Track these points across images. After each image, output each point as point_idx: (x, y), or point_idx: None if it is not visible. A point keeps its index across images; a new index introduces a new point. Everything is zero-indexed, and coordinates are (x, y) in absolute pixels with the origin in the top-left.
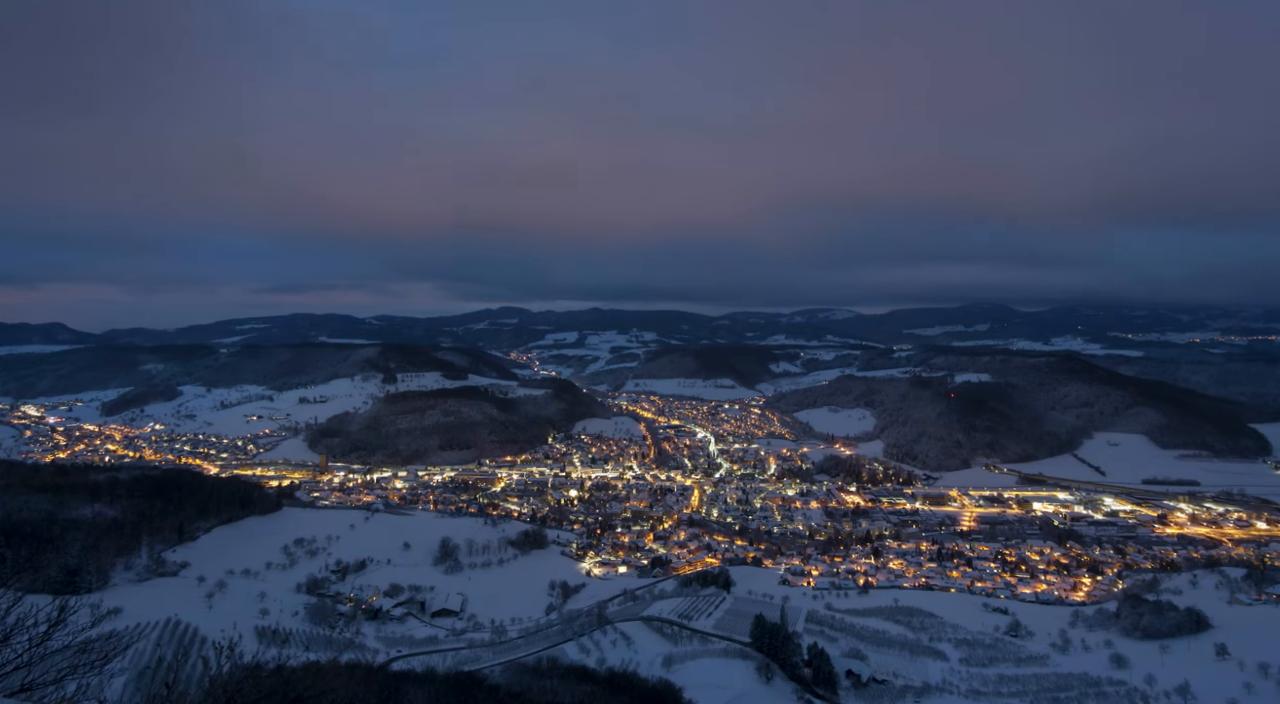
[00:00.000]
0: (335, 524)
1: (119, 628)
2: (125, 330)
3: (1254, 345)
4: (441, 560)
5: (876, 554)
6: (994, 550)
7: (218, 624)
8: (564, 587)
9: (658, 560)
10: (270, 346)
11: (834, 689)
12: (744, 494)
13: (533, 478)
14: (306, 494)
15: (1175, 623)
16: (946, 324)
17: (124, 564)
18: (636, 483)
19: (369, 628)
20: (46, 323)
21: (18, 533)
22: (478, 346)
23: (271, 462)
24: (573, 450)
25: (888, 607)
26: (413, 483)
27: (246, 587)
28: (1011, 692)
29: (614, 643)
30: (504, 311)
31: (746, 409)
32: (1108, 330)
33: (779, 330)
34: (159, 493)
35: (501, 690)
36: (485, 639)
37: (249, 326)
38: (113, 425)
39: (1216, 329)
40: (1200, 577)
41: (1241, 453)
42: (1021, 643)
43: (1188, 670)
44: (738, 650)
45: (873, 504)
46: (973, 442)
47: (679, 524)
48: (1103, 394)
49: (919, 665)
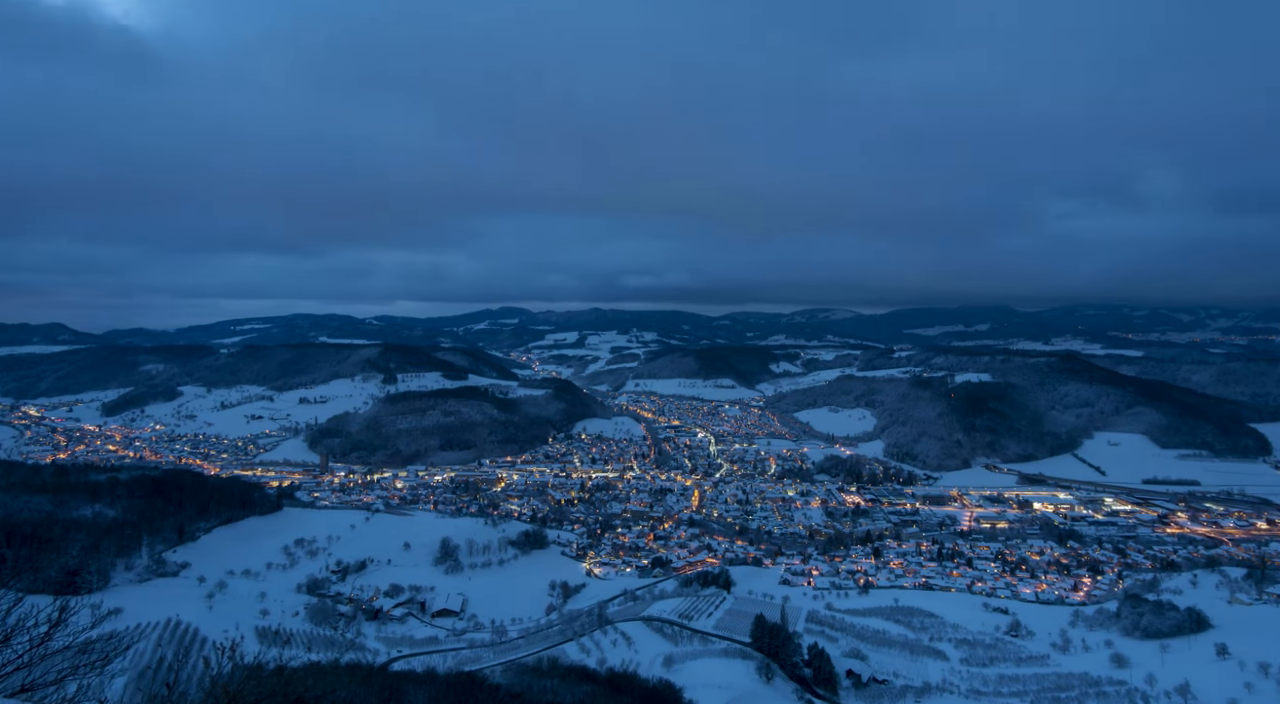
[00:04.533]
0: (336, 524)
1: (119, 628)
2: (125, 331)
3: (1254, 345)
4: (442, 561)
5: (877, 554)
6: (994, 550)
7: (218, 624)
8: (564, 587)
9: (658, 561)
10: (270, 347)
11: (834, 689)
12: (744, 494)
13: (533, 478)
14: (307, 494)
15: (1175, 623)
16: (946, 324)
17: (124, 564)
18: (637, 483)
19: (369, 628)
20: (47, 323)
21: (18, 533)
22: (478, 347)
23: (272, 462)
24: (573, 450)
25: (888, 607)
26: (413, 483)
27: (247, 587)
28: (1012, 691)
29: (614, 643)
30: (504, 311)
31: (747, 409)
32: (1108, 330)
33: (779, 330)
34: (159, 493)
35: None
36: (486, 639)
37: (249, 327)
38: (113, 426)
39: (1216, 329)
40: (1200, 576)
41: (1242, 453)
42: (1022, 643)
43: (1188, 670)
44: (738, 650)
45: (873, 504)
46: (973, 441)
47: (679, 524)
48: (1103, 394)
49: (919, 665)
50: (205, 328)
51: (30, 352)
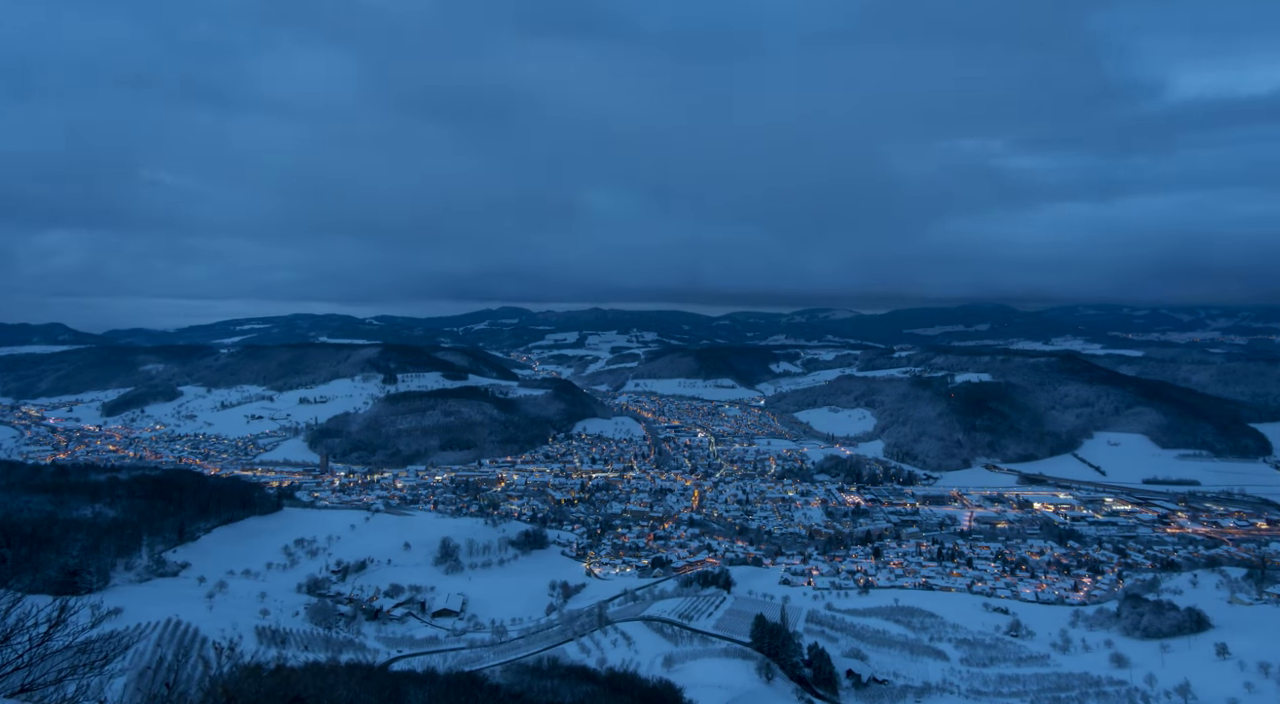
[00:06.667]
0: (336, 524)
1: (119, 628)
2: (125, 331)
3: (1254, 345)
4: (442, 560)
5: (877, 554)
6: (994, 550)
7: (218, 624)
8: (564, 587)
9: (658, 561)
10: (270, 347)
11: (834, 689)
12: (744, 494)
13: (533, 478)
14: (307, 494)
15: (1176, 623)
16: (946, 324)
17: (124, 564)
18: (637, 483)
19: (369, 628)
20: (47, 323)
21: (18, 533)
22: (478, 347)
23: (272, 462)
24: (573, 450)
25: (888, 607)
26: (413, 483)
27: (247, 587)
28: (1012, 691)
29: (614, 643)
30: (504, 311)
31: (747, 409)
32: (1108, 330)
33: (779, 330)
34: (159, 493)
35: (502, 691)
36: (486, 639)
37: (249, 327)
38: (113, 426)
39: (1216, 329)
40: (1201, 576)
41: (1242, 453)
42: (1022, 643)
43: (1188, 670)
44: (738, 650)
45: (873, 504)
46: (973, 441)
47: (679, 524)
48: (1103, 394)
49: (919, 665)
50: (205, 328)
51: (30, 351)
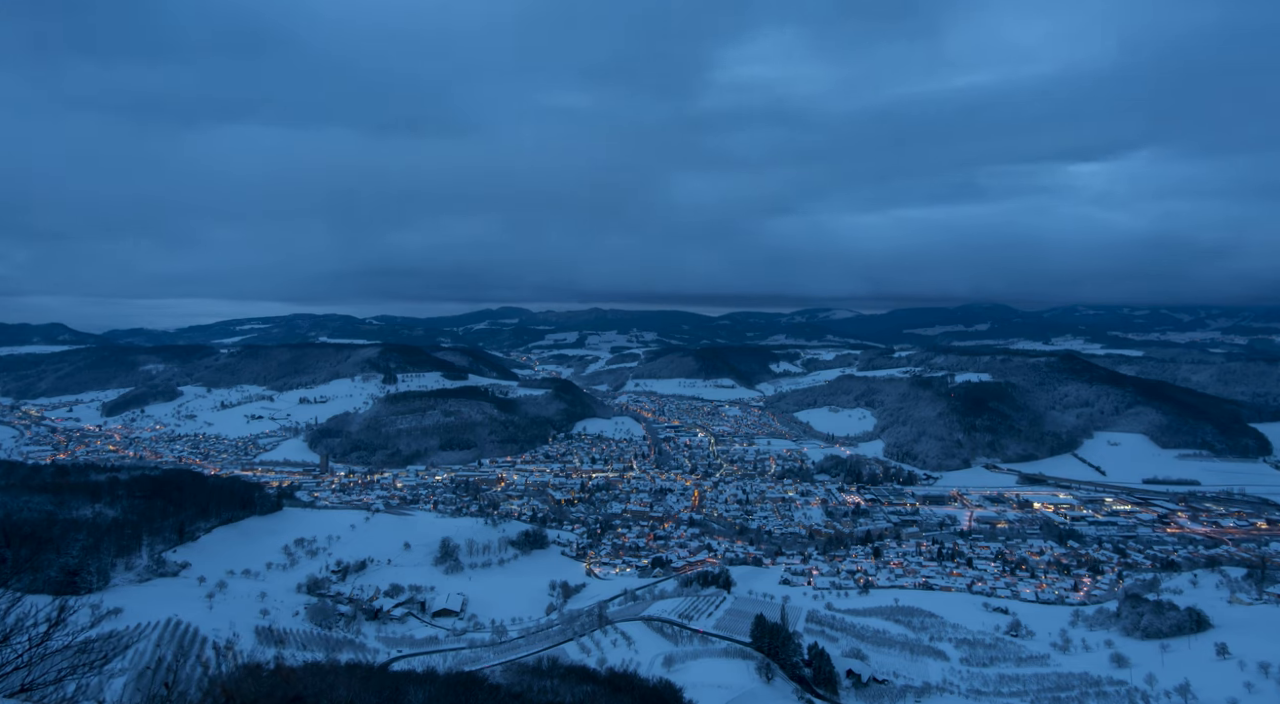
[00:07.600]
0: (336, 524)
1: (119, 628)
2: (125, 331)
3: (1254, 345)
4: (442, 560)
5: (877, 554)
6: (994, 550)
7: (218, 624)
8: (564, 587)
9: (658, 561)
10: (270, 347)
11: (834, 689)
12: (744, 494)
13: (533, 478)
14: (307, 494)
15: (1176, 622)
16: (946, 324)
17: (124, 564)
18: (637, 483)
19: (369, 628)
20: (47, 323)
21: (18, 533)
22: (478, 347)
23: (272, 462)
24: (573, 450)
25: (888, 607)
26: (413, 483)
27: (247, 587)
28: (1012, 691)
29: (614, 643)
30: (504, 312)
31: (746, 409)
32: (1108, 330)
33: (779, 330)
34: (159, 493)
35: (502, 691)
36: (486, 639)
37: (249, 327)
38: (113, 426)
39: (1216, 329)
40: (1201, 576)
41: (1242, 452)
42: (1022, 643)
43: (1188, 670)
44: (738, 650)
45: (873, 504)
46: (973, 441)
47: (679, 524)
48: (1103, 394)
49: (919, 665)
50: (205, 328)
51: (30, 351)
